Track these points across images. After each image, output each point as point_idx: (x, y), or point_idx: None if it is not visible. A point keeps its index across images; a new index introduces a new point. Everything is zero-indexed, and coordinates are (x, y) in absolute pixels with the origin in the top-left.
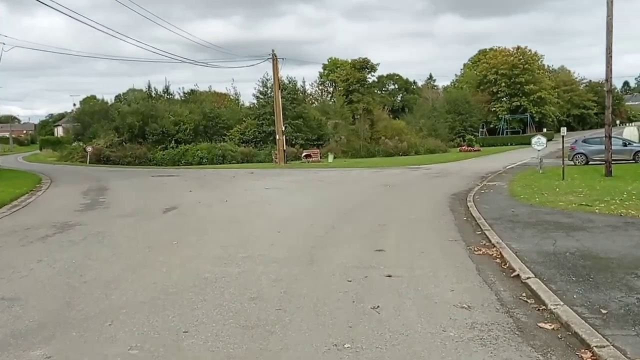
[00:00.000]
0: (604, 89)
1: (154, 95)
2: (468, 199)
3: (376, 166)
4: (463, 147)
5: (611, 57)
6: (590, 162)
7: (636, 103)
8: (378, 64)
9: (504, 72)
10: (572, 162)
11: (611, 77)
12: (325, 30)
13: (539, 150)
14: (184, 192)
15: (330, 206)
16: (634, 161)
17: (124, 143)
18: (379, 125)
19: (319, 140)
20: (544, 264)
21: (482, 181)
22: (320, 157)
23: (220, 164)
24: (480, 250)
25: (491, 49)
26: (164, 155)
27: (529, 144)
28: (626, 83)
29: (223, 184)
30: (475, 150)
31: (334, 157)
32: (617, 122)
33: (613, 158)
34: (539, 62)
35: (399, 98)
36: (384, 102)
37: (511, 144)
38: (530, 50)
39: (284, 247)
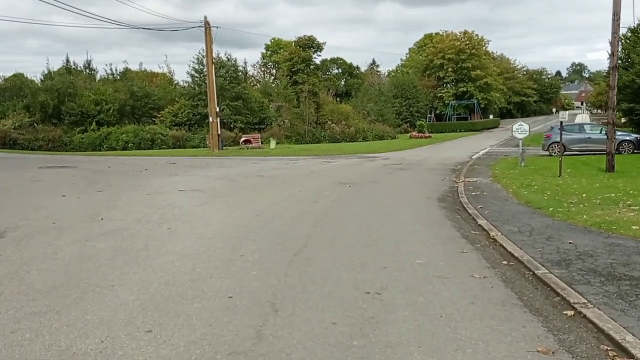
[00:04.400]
0: (608, 66)
1: (73, 71)
2: (470, 210)
3: (325, 154)
4: (414, 133)
5: (619, 25)
6: (567, 152)
7: (569, 92)
8: (324, 43)
9: (451, 57)
10: (547, 152)
11: (617, 51)
12: (266, 13)
13: (520, 139)
14: (55, 197)
15: (270, 234)
16: (617, 152)
17: (35, 124)
18: (325, 109)
19: (260, 124)
20: None
21: (459, 176)
22: (262, 143)
23: (149, 149)
24: None
25: (437, 33)
26: (82, 138)
27: (478, 130)
28: (558, 73)
29: (121, 183)
30: (427, 137)
31: (277, 143)
32: (553, 110)
33: (595, 149)
34: (485, 47)
35: (343, 82)
36: (328, 86)
37: (460, 130)
38: (477, 35)
39: None
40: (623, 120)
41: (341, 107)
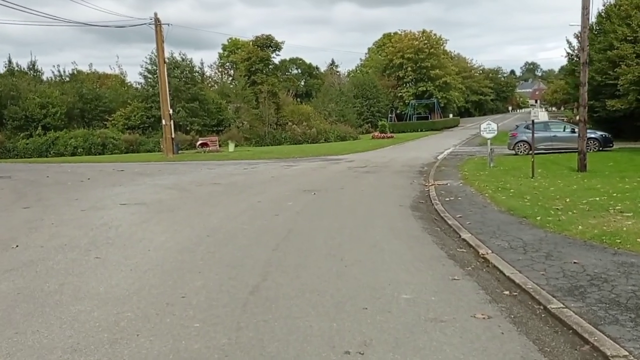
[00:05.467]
0: (580, 61)
1: (16, 73)
2: (449, 221)
3: (286, 157)
4: (376, 134)
5: (588, 19)
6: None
7: (524, 90)
8: (283, 42)
9: (410, 57)
10: (512, 151)
11: (587, 46)
12: (223, 14)
13: (489, 139)
14: None
15: (221, 261)
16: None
17: None
18: (286, 110)
19: (218, 126)
20: None
21: (428, 179)
22: (220, 146)
23: (100, 154)
24: None
25: (396, 33)
26: (27, 144)
27: (439, 129)
28: (512, 72)
29: (55, 196)
30: (389, 137)
31: (236, 146)
32: (509, 108)
33: (562, 147)
34: (443, 47)
35: (303, 83)
36: (288, 86)
37: (421, 130)
38: (435, 35)
39: None
40: (578, 118)
41: (302, 107)
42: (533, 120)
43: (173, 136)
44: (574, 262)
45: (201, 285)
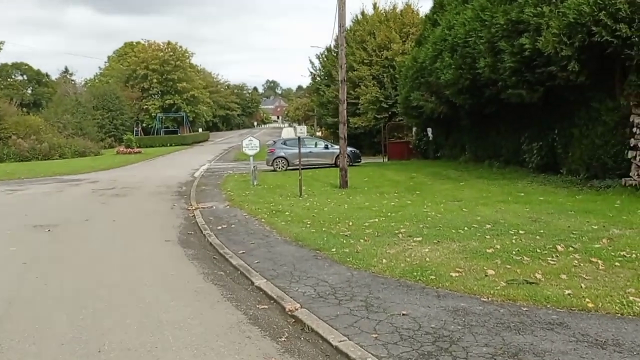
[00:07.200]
0: (339, 78)
1: None
2: (233, 261)
3: (9, 178)
4: (121, 149)
5: (345, 37)
6: (291, 167)
7: (267, 107)
8: (3, 42)
9: (155, 68)
10: (271, 167)
11: (345, 64)
12: None
13: (251, 155)
14: None
15: None
16: (335, 165)
17: None
18: (8, 122)
19: None
20: None
21: (190, 201)
22: None
23: None
24: None
25: (139, 43)
26: None
27: (189, 144)
28: (255, 89)
29: None
30: (136, 152)
31: None
32: (255, 123)
33: (317, 162)
34: (189, 60)
35: (30, 91)
36: (10, 94)
37: (171, 145)
38: (181, 47)
39: None
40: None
41: (29, 119)
42: (299, 137)
43: None
44: (403, 314)
45: None
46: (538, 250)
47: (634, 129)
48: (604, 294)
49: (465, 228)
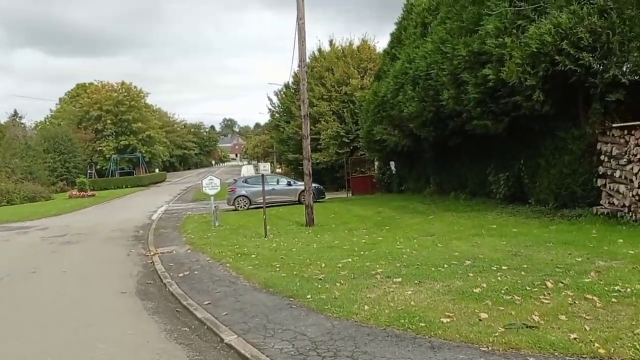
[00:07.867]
0: (301, 113)
1: None
2: (198, 314)
3: None
4: (74, 192)
5: (306, 72)
6: (253, 205)
7: (224, 145)
8: None
9: (109, 109)
10: (232, 207)
11: (307, 98)
12: None
13: (212, 195)
14: None
15: None
16: (298, 202)
17: None
18: None
19: None
20: None
21: (148, 246)
22: None
23: None
24: None
25: (92, 84)
26: None
27: (146, 185)
28: (212, 127)
29: None
30: (90, 195)
31: None
32: (213, 162)
33: (279, 200)
34: (144, 100)
35: None
36: None
37: (127, 186)
38: (135, 87)
39: None
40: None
41: None
42: (263, 175)
43: None
44: None
45: None
46: (527, 288)
47: (602, 157)
48: (612, 337)
49: (445, 265)
